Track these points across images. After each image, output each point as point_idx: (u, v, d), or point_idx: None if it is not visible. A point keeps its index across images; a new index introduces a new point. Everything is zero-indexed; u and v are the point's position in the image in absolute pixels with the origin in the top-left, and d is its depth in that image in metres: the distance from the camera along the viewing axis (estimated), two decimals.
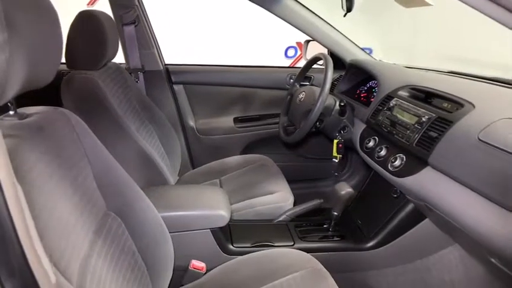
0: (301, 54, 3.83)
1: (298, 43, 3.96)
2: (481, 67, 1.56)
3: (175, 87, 2.09)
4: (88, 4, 3.65)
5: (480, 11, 0.85)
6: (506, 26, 0.83)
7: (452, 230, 1.25)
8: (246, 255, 1.20)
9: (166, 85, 2.05)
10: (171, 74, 2.07)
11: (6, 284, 0.36)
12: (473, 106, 1.11)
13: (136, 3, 1.82)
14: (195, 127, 2.14)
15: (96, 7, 2.97)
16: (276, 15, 1.79)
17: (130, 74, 1.83)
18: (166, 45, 2.14)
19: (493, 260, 1.02)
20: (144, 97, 1.76)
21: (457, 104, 1.16)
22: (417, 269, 1.42)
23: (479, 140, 0.98)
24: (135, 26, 1.84)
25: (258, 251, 1.22)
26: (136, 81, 1.92)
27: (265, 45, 3.89)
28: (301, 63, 1.83)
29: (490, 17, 0.86)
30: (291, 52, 4.21)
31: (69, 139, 0.83)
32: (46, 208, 0.67)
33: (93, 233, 0.81)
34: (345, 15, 1.19)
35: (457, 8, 1.05)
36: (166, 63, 2.09)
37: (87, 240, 0.78)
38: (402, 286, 1.44)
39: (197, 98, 2.14)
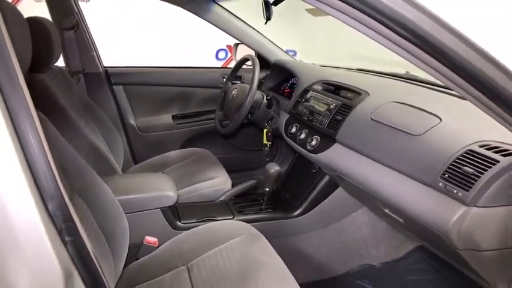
0: (231, 56, 4.04)
1: (229, 46, 4.13)
2: (384, 65, 1.87)
3: (115, 88, 2.18)
4: None
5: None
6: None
7: (360, 195, 1.55)
8: (192, 229, 1.36)
9: (106, 86, 2.14)
10: (110, 76, 2.16)
11: (49, 204, 0.53)
12: (368, 94, 1.41)
13: (76, 10, 1.91)
14: (135, 125, 2.24)
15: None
16: (208, 21, 2.00)
17: (71, 76, 1.91)
18: (104, 49, 2.24)
19: (386, 210, 1.32)
20: (85, 98, 1.84)
21: (357, 94, 1.46)
22: (335, 231, 1.70)
23: (372, 119, 1.27)
24: (75, 32, 1.93)
25: (202, 225, 1.38)
26: (78, 83, 2.01)
27: (197, 48, 4.03)
28: (232, 65, 2.06)
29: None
30: (221, 54, 4.40)
31: None
32: None
33: None
34: (265, 23, 1.43)
35: None
36: (105, 65, 2.18)
37: None
38: (324, 246, 1.70)
39: (137, 98, 2.24)
